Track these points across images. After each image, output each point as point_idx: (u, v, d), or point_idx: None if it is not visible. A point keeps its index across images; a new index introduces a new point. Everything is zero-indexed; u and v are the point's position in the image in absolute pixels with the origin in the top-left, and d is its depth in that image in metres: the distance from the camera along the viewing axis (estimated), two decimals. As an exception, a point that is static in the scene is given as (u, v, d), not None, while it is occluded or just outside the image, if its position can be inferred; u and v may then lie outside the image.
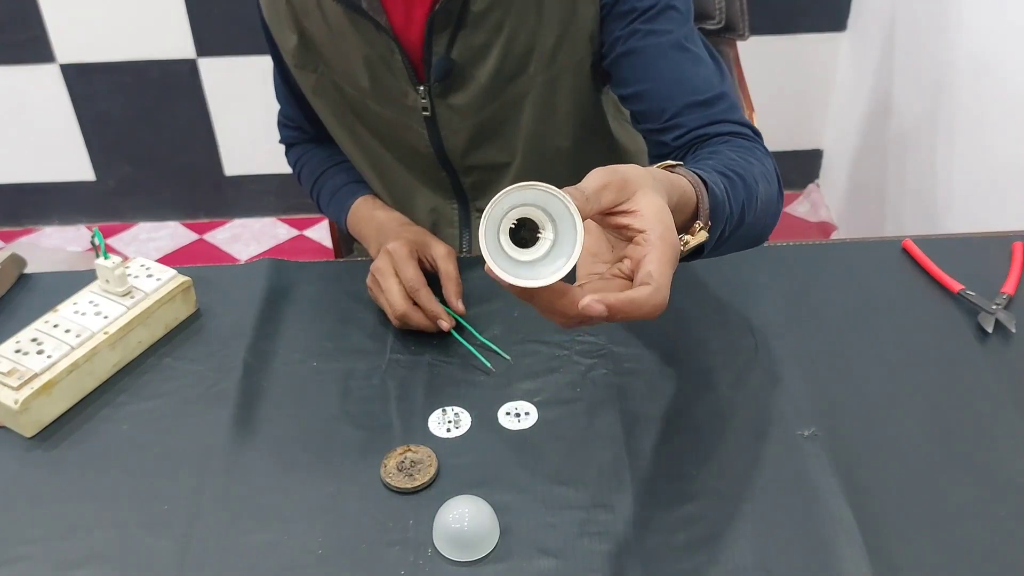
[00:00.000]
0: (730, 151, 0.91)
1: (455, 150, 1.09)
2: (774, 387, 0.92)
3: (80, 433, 0.90)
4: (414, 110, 1.06)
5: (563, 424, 0.89)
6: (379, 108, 1.08)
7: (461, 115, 1.06)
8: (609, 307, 0.61)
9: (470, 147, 1.09)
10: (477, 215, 1.17)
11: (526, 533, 0.79)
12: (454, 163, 1.11)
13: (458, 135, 1.08)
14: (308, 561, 0.77)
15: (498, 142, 1.09)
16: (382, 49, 1.01)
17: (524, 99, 1.05)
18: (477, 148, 1.10)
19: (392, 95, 1.05)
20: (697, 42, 1.00)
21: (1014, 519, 0.79)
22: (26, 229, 2.51)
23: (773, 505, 0.80)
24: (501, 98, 1.05)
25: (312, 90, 1.10)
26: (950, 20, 1.73)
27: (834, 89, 2.34)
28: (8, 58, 2.23)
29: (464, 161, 1.11)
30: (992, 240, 1.10)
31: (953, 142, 1.73)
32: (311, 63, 1.07)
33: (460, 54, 1.01)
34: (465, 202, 1.17)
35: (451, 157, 1.10)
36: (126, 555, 0.78)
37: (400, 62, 1.02)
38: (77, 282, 1.01)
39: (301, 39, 1.05)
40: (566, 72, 1.04)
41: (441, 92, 1.04)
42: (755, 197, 0.86)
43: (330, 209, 1.19)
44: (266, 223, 2.52)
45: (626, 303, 0.62)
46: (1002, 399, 0.90)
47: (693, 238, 0.76)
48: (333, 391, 0.93)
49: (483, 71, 1.02)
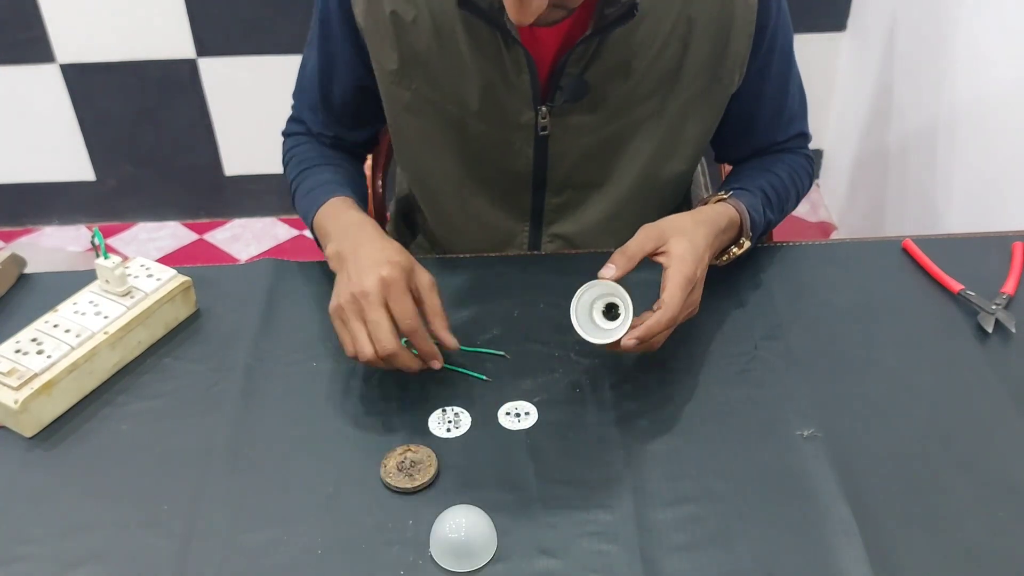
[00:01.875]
0: (780, 168, 1.12)
1: (559, 168, 1.08)
2: (774, 387, 0.92)
3: (80, 433, 0.90)
4: (526, 129, 1.04)
5: (563, 424, 0.89)
6: (481, 127, 1.05)
7: (579, 133, 1.04)
8: (639, 339, 0.85)
9: (576, 166, 1.08)
10: (549, 240, 1.15)
11: (526, 533, 0.79)
12: (550, 183, 1.10)
13: (568, 154, 1.06)
14: (308, 561, 0.77)
15: (609, 162, 1.08)
16: (507, 66, 0.99)
17: (650, 120, 1.05)
18: (584, 167, 1.08)
19: (504, 113, 1.03)
20: (794, 68, 1.11)
21: (1014, 520, 0.79)
22: (26, 229, 2.51)
23: (773, 505, 0.80)
24: (627, 119, 1.04)
25: (404, 107, 1.06)
26: (950, 20, 1.73)
27: (834, 89, 2.34)
28: (8, 58, 2.22)
29: (562, 181, 1.09)
30: (992, 240, 1.10)
31: (953, 142, 1.73)
32: (407, 80, 1.03)
33: (595, 74, 1.00)
34: (539, 225, 1.15)
35: (550, 176, 1.09)
36: (126, 555, 0.78)
37: (527, 82, 0.99)
38: (77, 282, 1.01)
39: (402, 56, 1.01)
40: (705, 97, 1.04)
41: (563, 112, 1.02)
42: (784, 209, 1.12)
43: (304, 201, 1.07)
44: (266, 223, 2.51)
45: (649, 329, 0.86)
46: (1002, 399, 0.90)
47: (740, 249, 1.01)
48: (333, 391, 0.93)
49: (616, 91, 1.01)
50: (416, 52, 1.01)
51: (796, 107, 1.13)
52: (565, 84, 0.99)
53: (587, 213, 1.12)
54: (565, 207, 1.13)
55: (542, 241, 1.16)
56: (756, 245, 1.08)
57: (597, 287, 0.88)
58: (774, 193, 1.08)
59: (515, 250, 1.16)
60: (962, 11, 1.69)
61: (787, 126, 1.13)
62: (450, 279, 1.07)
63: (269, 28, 2.20)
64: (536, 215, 1.14)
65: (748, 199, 1.03)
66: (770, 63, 1.05)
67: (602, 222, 1.12)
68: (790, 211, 1.14)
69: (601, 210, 1.12)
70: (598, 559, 0.77)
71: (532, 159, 1.06)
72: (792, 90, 1.11)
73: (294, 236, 2.48)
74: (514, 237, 1.15)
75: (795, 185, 1.12)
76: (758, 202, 1.04)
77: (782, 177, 1.10)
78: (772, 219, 1.08)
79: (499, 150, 1.06)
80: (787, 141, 1.14)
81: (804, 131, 1.15)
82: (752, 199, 1.04)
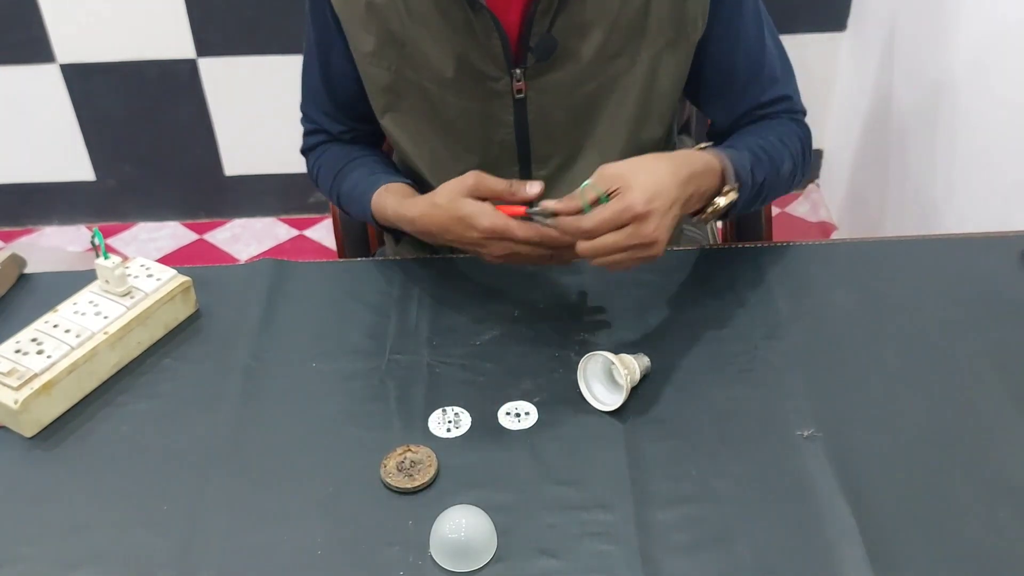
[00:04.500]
0: (769, 133, 1.09)
1: (540, 135, 1.08)
2: (774, 387, 0.92)
3: (80, 433, 0.90)
4: (502, 95, 1.05)
5: (563, 424, 0.89)
6: (460, 100, 1.06)
7: (556, 95, 1.05)
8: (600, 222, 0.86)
9: (557, 131, 1.08)
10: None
11: (526, 533, 0.79)
12: (534, 153, 1.10)
13: (548, 117, 1.07)
14: (308, 561, 0.77)
15: (588, 125, 1.08)
16: (477, 32, 1.01)
17: (624, 77, 1.05)
18: (564, 131, 1.09)
19: (480, 82, 1.04)
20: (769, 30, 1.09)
21: (1014, 520, 0.79)
22: (26, 229, 2.51)
23: (773, 505, 0.80)
24: (601, 76, 1.05)
25: (382, 88, 1.08)
26: (950, 20, 1.73)
27: (834, 89, 2.34)
28: (8, 58, 2.22)
29: (546, 149, 1.10)
30: (992, 240, 1.10)
31: (953, 142, 1.73)
32: (385, 61, 1.05)
33: (561, 31, 1.01)
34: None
35: (533, 146, 1.10)
36: (126, 555, 0.78)
37: (498, 45, 1.01)
38: (77, 282, 1.01)
39: (379, 38, 1.04)
40: (673, 49, 1.04)
41: (537, 72, 1.03)
42: (779, 170, 1.07)
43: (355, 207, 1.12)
44: (266, 223, 2.51)
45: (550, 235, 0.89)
46: (1002, 399, 0.90)
47: (725, 197, 0.98)
48: (333, 391, 0.93)
49: (586, 47, 1.02)
50: (390, 31, 1.03)
51: (778, 70, 1.11)
52: (534, 43, 1.01)
53: (574, 186, 1.12)
54: (551, 180, 1.13)
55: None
56: (750, 210, 1.06)
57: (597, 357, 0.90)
58: (763, 152, 1.05)
59: None
60: (962, 11, 1.69)
61: (769, 86, 1.10)
62: (449, 279, 1.07)
63: (269, 28, 2.20)
64: None
65: (732, 153, 1.00)
66: (738, 15, 1.05)
67: None
68: (788, 175, 1.09)
69: None
70: (598, 559, 0.76)
71: (513, 127, 1.08)
72: (770, 50, 1.09)
73: (294, 236, 2.48)
74: None
75: (787, 147, 1.08)
76: (745, 157, 1.01)
77: (770, 139, 1.07)
78: (764, 178, 1.03)
79: (480, 121, 1.08)
80: (772, 104, 1.11)
81: (788, 94, 1.12)
82: (737, 154, 1.01)
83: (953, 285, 1.03)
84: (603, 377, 0.92)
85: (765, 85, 1.10)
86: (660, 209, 0.87)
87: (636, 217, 0.86)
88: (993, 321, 0.98)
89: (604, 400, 0.90)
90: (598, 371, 0.92)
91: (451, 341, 0.98)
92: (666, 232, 0.89)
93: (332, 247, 2.41)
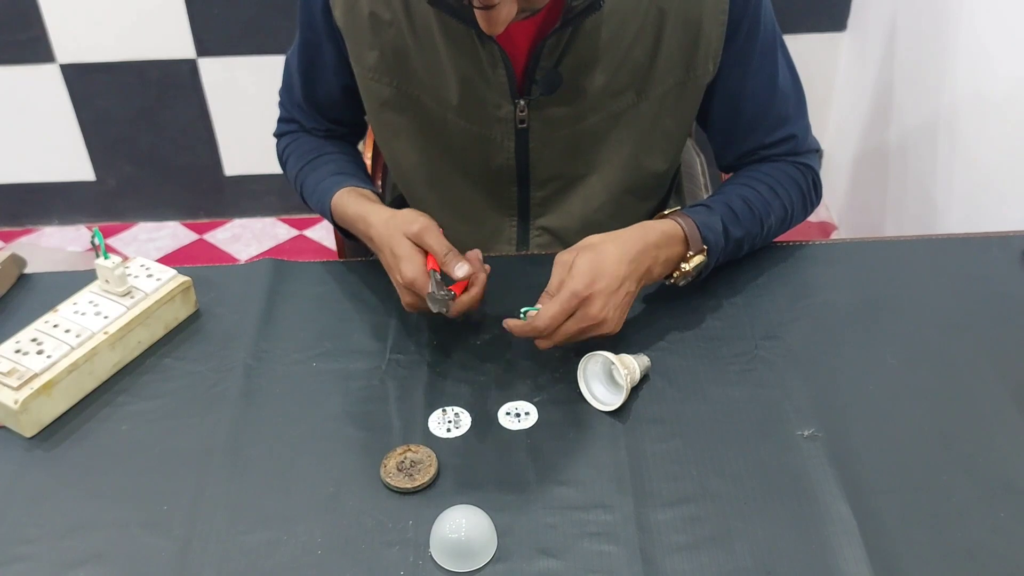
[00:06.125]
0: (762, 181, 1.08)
1: (540, 161, 1.09)
2: (774, 387, 0.92)
3: (80, 433, 0.90)
4: (505, 122, 1.05)
5: (563, 424, 0.89)
6: (462, 122, 1.06)
7: (558, 126, 1.05)
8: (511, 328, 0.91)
9: (557, 159, 1.08)
10: (537, 233, 1.16)
11: (526, 533, 0.79)
12: (533, 176, 1.10)
13: (548, 147, 1.07)
14: (308, 561, 0.77)
15: (589, 155, 1.08)
16: (483, 61, 1.00)
17: (627, 113, 1.05)
18: (564, 160, 1.09)
19: (483, 108, 1.04)
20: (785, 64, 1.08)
21: (1014, 520, 0.79)
22: (26, 229, 2.51)
23: (773, 505, 0.80)
24: (604, 111, 1.05)
25: (382, 103, 1.08)
26: (950, 20, 1.73)
27: (834, 89, 2.34)
28: (8, 58, 2.22)
29: (545, 174, 1.10)
30: (992, 240, 1.10)
31: (953, 142, 1.73)
32: (387, 77, 1.05)
33: (568, 67, 1.00)
34: (527, 219, 1.15)
35: (532, 170, 1.10)
36: (126, 555, 0.78)
37: (503, 75, 1.00)
38: (77, 282, 1.01)
39: (382, 54, 1.03)
40: (681, 89, 1.04)
41: (541, 104, 1.03)
42: (764, 222, 1.05)
43: (313, 198, 1.12)
44: (266, 223, 2.51)
45: (520, 330, 0.90)
46: (1002, 399, 0.90)
47: (690, 264, 0.98)
48: (333, 391, 0.93)
49: (592, 83, 1.02)
50: (395, 49, 1.03)
51: (790, 108, 1.09)
52: (540, 77, 1.00)
53: (572, 207, 1.13)
54: (550, 201, 1.13)
55: (530, 235, 1.17)
56: (728, 260, 1.04)
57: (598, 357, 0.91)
58: (745, 206, 1.03)
59: (504, 244, 1.17)
60: (962, 11, 1.69)
61: (776, 127, 1.09)
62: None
63: (269, 28, 2.20)
64: (523, 209, 1.15)
65: (703, 215, 1.00)
66: (749, 58, 1.04)
67: (587, 215, 1.13)
68: (778, 224, 1.08)
69: (586, 204, 1.13)
70: (598, 559, 0.76)
71: (513, 152, 1.08)
72: (782, 90, 1.08)
73: (294, 236, 2.48)
74: (502, 231, 1.16)
75: (779, 196, 1.07)
76: (716, 218, 1.00)
77: (759, 189, 1.06)
78: (742, 234, 1.03)
79: (480, 144, 1.08)
80: (776, 144, 1.10)
81: (795, 133, 1.10)
82: (708, 215, 1.00)
83: (953, 285, 1.03)
84: (603, 377, 0.92)
85: (772, 126, 1.09)
86: (605, 290, 0.89)
87: (581, 301, 0.88)
88: (993, 321, 0.99)
89: (604, 400, 0.90)
90: (598, 371, 0.92)
91: (451, 341, 0.98)
92: (615, 310, 0.91)
93: (332, 247, 2.41)
